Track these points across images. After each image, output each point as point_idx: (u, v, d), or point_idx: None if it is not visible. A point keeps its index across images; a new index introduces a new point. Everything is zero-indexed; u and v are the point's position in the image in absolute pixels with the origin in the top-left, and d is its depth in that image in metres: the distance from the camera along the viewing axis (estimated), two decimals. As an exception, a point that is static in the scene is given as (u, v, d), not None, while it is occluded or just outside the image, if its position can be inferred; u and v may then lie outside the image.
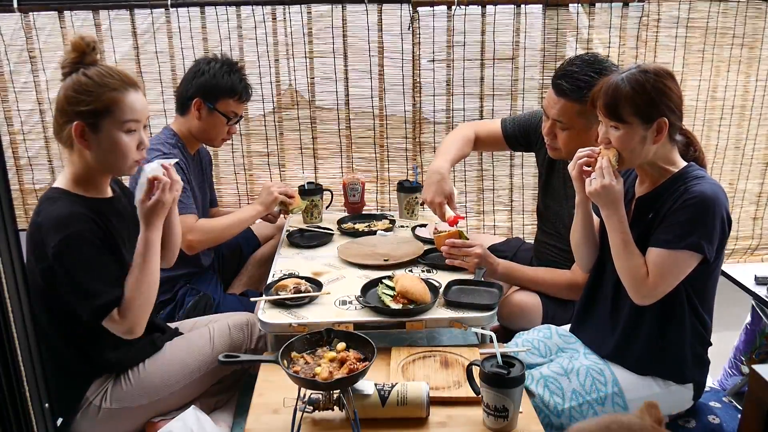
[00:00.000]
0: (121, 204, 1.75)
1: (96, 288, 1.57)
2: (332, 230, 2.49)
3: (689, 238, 1.54)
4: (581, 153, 1.70)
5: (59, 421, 1.72)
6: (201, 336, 1.88)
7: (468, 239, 2.09)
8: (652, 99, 1.56)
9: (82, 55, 1.58)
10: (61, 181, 1.65)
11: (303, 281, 1.96)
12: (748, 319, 2.30)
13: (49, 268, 1.56)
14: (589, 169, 1.67)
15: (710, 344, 1.72)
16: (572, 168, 1.71)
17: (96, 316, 1.57)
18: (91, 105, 1.55)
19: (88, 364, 1.71)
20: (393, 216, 2.67)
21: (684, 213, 1.55)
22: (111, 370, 1.74)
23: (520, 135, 2.32)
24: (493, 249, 2.43)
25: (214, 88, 2.22)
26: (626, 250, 1.62)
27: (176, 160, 1.72)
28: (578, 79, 1.90)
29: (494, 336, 1.56)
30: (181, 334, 1.92)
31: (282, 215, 2.56)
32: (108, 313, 1.58)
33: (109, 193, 1.72)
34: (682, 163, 1.65)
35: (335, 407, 1.46)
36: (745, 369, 2.28)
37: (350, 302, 1.90)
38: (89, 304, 1.57)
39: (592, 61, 1.94)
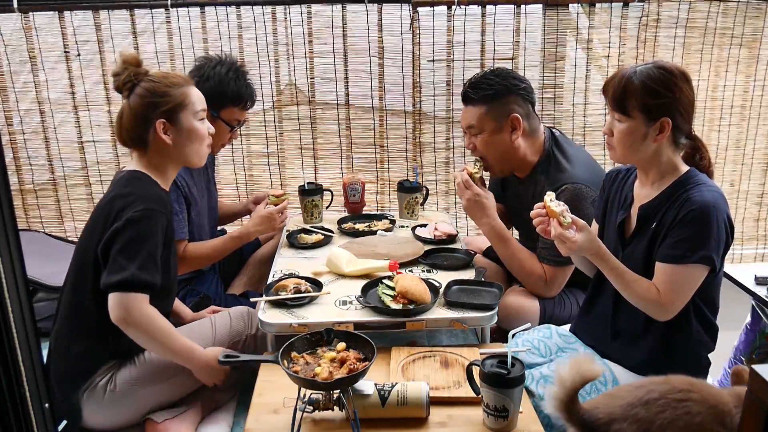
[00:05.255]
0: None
1: (146, 263, 1.65)
2: (332, 231, 2.49)
3: (698, 253, 1.53)
4: (534, 221, 1.67)
5: (62, 424, 1.73)
6: (203, 323, 1.94)
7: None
8: (659, 96, 1.54)
9: (137, 67, 1.77)
10: (140, 166, 1.81)
11: (303, 281, 1.96)
12: (748, 319, 2.30)
13: (116, 231, 1.64)
14: (544, 220, 1.65)
15: (713, 350, 1.72)
16: (542, 232, 1.68)
17: (124, 284, 1.62)
18: (169, 103, 1.77)
19: (105, 349, 1.76)
20: (393, 216, 2.67)
21: (688, 227, 1.54)
22: (122, 356, 1.79)
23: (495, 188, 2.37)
24: (486, 253, 2.44)
25: (219, 95, 2.19)
26: (626, 280, 1.61)
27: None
28: (481, 83, 2.09)
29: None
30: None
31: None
32: (135, 291, 1.64)
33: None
34: (684, 168, 1.63)
35: (335, 407, 1.46)
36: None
37: (350, 302, 1.90)
38: (129, 271, 1.62)
39: (495, 70, 2.15)
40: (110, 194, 1.75)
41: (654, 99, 1.55)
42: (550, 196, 1.65)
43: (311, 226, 2.53)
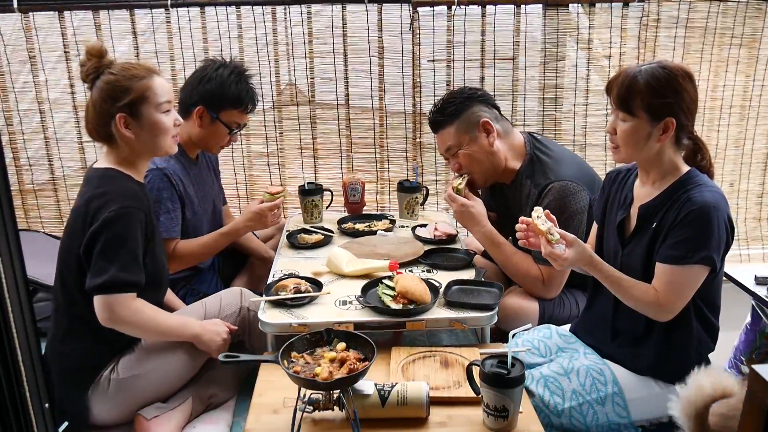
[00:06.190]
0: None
1: (127, 262, 1.66)
2: (332, 231, 2.49)
3: (698, 254, 1.53)
4: (517, 234, 1.68)
5: (64, 425, 1.75)
6: (194, 305, 1.98)
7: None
8: (664, 96, 1.54)
9: (100, 58, 1.71)
10: (111, 162, 1.77)
11: (303, 281, 1.96)
12: (748, 319, 2.30)
13: (94, 233, 1.64)
14: (534, 241, 1.66)
15: (713, 350, 1.72)
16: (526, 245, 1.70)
17: (107, 286, 1.63)
18: (129, 97, 1.70)
19: (105, 346, 1.78)
20: (393, 216, 2.67)
21: (689, 228, 1.53)
22: (123, 350, 1.81)
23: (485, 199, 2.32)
24: (486, 253, 2.44)
25: (219, 97, 2.18)
26: (623, 287, 1.61)
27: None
28: (442, 107, 2.19)
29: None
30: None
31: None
32: (119, 292, 1.65)
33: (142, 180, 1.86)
34: (685, 168, 1.63)
35: (335, 407, 1.46)
36: (745, 369, 2.28)
37: (350, 302, 1.90)
38: (110, 273, 1.63)
39: (449, 92, 2.27)
40: (85, 195, 1.71)
41: (659, 99, 1.55)
42: (537, 212, 1.64)
43: (311, 226, 2.53)
